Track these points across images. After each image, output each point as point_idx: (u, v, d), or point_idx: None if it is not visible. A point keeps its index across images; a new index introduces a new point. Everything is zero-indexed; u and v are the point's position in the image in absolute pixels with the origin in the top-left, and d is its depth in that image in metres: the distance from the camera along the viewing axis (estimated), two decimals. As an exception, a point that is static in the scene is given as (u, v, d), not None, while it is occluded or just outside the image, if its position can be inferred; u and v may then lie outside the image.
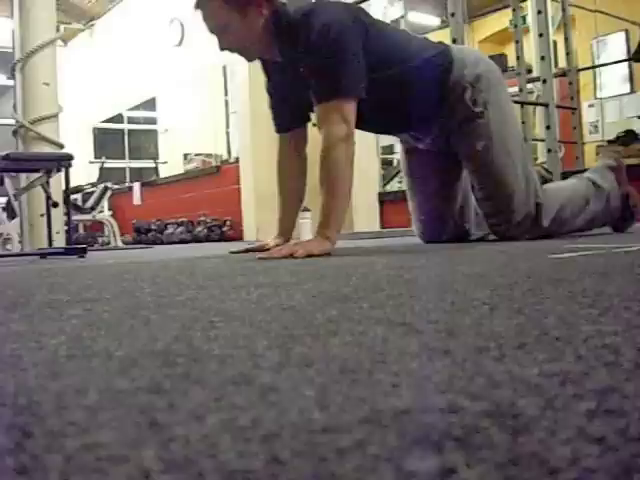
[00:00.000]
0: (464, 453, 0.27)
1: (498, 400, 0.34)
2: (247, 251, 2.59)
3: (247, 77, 6.30)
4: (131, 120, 11.76)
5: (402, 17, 4.88)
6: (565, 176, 3.89)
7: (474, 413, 0.32)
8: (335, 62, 2.14)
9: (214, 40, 2.29)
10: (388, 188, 7.45)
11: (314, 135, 2.36)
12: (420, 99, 2.38)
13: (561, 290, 0.82)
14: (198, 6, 2.30)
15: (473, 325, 0.59)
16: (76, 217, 7.00)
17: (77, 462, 0.28)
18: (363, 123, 2.41)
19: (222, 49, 2.32)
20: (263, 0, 2.22)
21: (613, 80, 8.51)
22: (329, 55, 2.13)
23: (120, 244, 7.18)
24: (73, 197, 7.29)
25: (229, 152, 8.95)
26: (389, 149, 8.01)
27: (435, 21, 10.22)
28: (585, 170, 3.17)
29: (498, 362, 0.44)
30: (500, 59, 10.09)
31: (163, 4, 9.43)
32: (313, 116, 2.37)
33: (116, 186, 10.22)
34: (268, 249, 2.55)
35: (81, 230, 8.87)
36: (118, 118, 11.63)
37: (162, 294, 1.06)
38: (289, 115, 2.52)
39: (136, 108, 11.31)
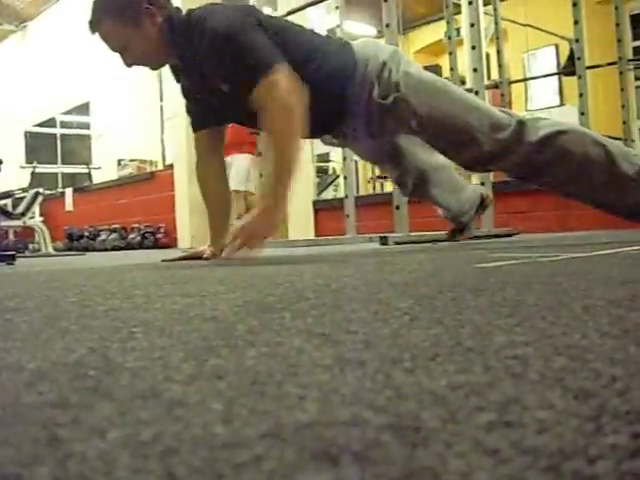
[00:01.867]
0: (360, 468, 0.27)
1: (403, 413, 0.35)
2: (181, 259, 2.57)
3: (183, 83, 6.24)
4: (64, 124, 11.56)
5: (338, 26, 4.90)
6: (497, 186, 3.96)
7: (376, 426, 0.32)
8: (240, 50, 2.11)
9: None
10: (323, 196, 7.48)
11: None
12: (324, 107, 2.31)
13: (482, 300, 0.83)
14: (93, 30, 2.28)
15: (391, 336, 0.59)
16: (6, 223, 6.85)
17: (-35, 482, 0.27)
18: None
19: (128, 66, 2.31)
20: (154, 8, 2.22)
21: (543, 93, 8.72)
22: (230, 51, 2.11)
23: (51, 251, 7.03)
24: (3, 202, 7.12)
25: (164, 158, 8.87)
26: (324, 157, 8.04)
27: (371, 31, 10.31)
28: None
29: (409, 374, 0.44)
30: (434, 70, 10.25)
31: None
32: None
33: (48, 192, 10.02)
34: (201, 257, 2.54)
35: (11, 236, 8.67)
36: (51, 122, 11.42)
37: (86, 303, 1.04)
38: (202, 114, 2.51)
39: (69, 112, 11.13)
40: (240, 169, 6.54)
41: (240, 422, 0.34)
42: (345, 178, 4.58)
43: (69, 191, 8.97)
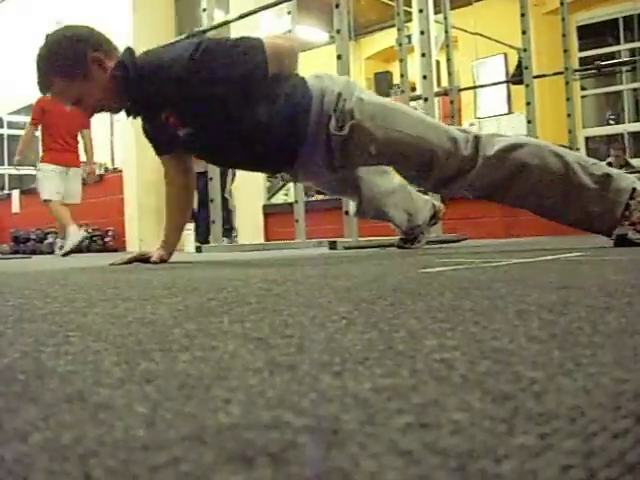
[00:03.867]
0: (274, 469, 0.28)
1: (323, 415, 0.35)
2: (129, 262, 2.54)
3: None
4: (11, 125, 11.35)
5: (290, 31, 4.91)
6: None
7: (296, 429, 0.33)
8: (225, 52, 2.14)
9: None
10: (273, 200, 7.47)
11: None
12: (282, 145, 2.34)
13: (420, 304, 0.85)
14: (43, 92, 2.26)
15: (325, 340, 0.60)
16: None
17: None
18: (224, 158, 2.44)
19: (90, 116, 2.32)
20: (100, 54, 2.18)
21: (492, 101, 8.85)
22: (218, 59, 2.13)
23: (-4, 254, 6.91)
24: (-54, 204, 6.97)
25: (113, 161, 8.77)
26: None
27: (323, 36, 10.34)
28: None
29: (336, 377, 0.45)
30: (385, 76, 10.36)
31: (48, 6, 9.18)
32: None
33: (-6, 193, 9.85)
34: (149, 259, 2.52)
35: (-45, 238, 8.49)
36: (-3, 122, 11.22)
37: (26, 307, 1.03)
38: (166, 144, 2.49)
39: (17, 112, 10.93)
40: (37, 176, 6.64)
41: (163, 425, 0.34)
42: (295, 183, 4.59)
43: (16, 193, 8.82)
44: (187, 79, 2.11)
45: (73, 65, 2.16)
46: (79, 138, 6.33)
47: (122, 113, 2.37)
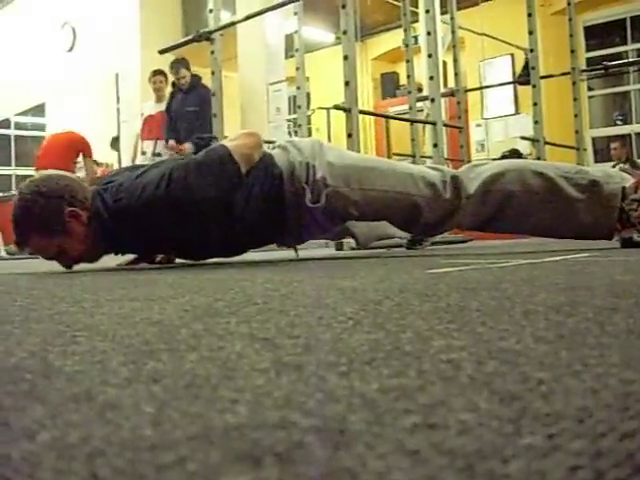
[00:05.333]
0: (281, 469, 0.28)
1: (330, 415, 0.35)
2: (136, 262, 2.55)
3: (139, 86, 6.22)
4: (18, 126, 11.39)
5: (296, 32, 4.91)
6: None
7: (302, 429, 0.33)
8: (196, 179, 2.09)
9: (106, 47, 2.27)
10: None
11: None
12: (264, 227, 2.30)
13: (427, 305, 0.85)
14: (22, 248, 2.26)
15: (332, 340, 0.60)
16: (-43, 225, 6.73)
17: None
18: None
19: (69, 268, 2.27)
20: (76, 208, 2.14)
21: (499, 101, 8.84)
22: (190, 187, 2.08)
23: (4, 254, 6.93)
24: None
25: (119, 161, 8.78)
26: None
27: (330, 37, 10.35)
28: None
29: (343, 377, 0.45)
30: (392, 77, 10.35)
31: (54, 8, 9.21)
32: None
33: (1, 194, 9.87)
34: (154, 259, 2.53)
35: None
36: (5, 123, 11.24)
37: (33, 307, 1.04)
38: None
39: (24, 113, 10.98)
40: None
41: (170, 425, 0.35)
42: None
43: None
44: (169, 214, 2.07)
45: (50, 222, 2.12)
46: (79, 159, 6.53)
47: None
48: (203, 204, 2.08)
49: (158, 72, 6.40)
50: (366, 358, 0.51)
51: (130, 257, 2.59)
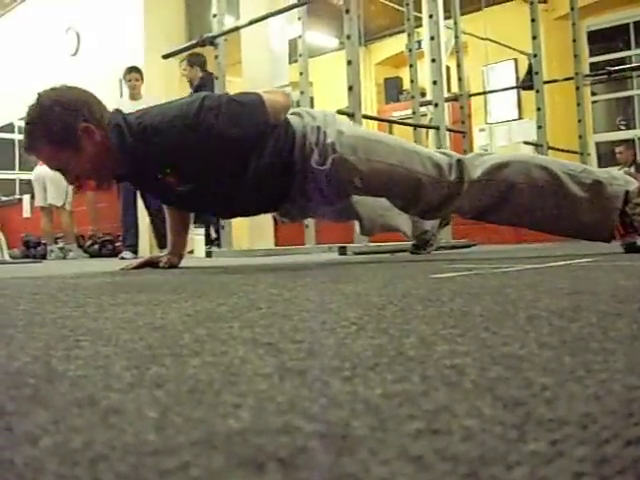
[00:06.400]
0: (284, 474, 0.27)
1: (334, 421, 0.35)
2: (139, 267, 2.55)
3: (143, 91, 6.23)
4: (22, 130, 11.39)
5: (300, 37, 4.92)
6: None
7: (306, 434, 0.33)
8: (229, 112, 2.10)
9: (110, 51, 2.27)
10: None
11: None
12: (271, 186, 2.32)
13: (431, 310, 0.85)
14: (29, 153, 2.25)
15: (335, 345, 0.60)
16: (-39, 230, 6.73)
17: None
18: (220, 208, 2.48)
19: (71, 183, 2.28)
20: (91, 125, 2.15)
21: (502, 106, 8.84)
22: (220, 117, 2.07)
23: (7, 258, 6.93)
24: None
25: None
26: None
27: (333, 42, 10.35)
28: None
29: (347, 383, 0.44)
30: (396, 82, 10.35)
31: (58, 13, 9.23)
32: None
33: (5, 198, 9.88)
34: (158, 263, 2.53)
35: (-34, 243, 8.51)
36: (9, 128, 11.25)
37: (36, 311, 1.04)
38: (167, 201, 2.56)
39: (28, 118, 10.96)
40: (55, 186, 6.75)
41: (173, 430, 0.34)
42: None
43: (27, 198, 8.85)
44: (192, 138, 2.07)
45: (62, 135, 2.13)
46: None
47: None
48: (223, 139, 2.09)
49: (133, 69, 6.21)
50: (370, 363, 0.51)
51: (134, 262, 2.59)
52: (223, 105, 2.09)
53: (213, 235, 5.91)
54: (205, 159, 2.13)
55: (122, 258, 5.80)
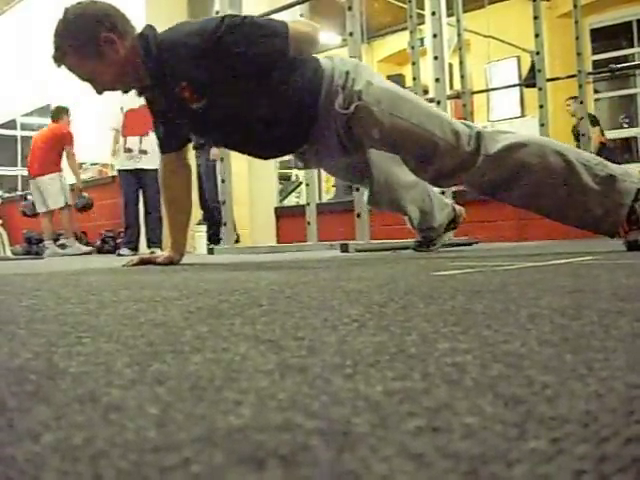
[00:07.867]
0: (285, 471, 0.28)
1: (335, 418, 0.35)
2: (139, 263, 2.55)
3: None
4: (25, 127, 11.40)
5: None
6: (457, 195, 4.00)
7: (307, 431, 0.33)
8: (249, 32, 2.18)
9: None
10: (285, 203, 7.47)
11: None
12: (294, 119, 2.36)
13: (432, 307, 0.85)
14: (57, 64, 2.34)
15: (337, 342, 0.60)
16: (-37, 225, 6.75)
17: None
18: (236, 144, 2.51)
19: (99, 93, 2.37)
20: (114, 36, 2.26)
21: (505, 104, 8.83)
22: (239, 37, 2.16)
23: (9, 254, 6.94)
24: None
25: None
26: (286, 163, 8.05)
27: (336, 39, 10.34)
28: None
29: (348, 380, 0.45)
30: (398, 79, 10.33)
31: (60, 9, 9.22)
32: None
33: (7, 194, 9.88)
34: (155, 261, 2.53)
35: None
36: (11, 124, 11.26)
37: (38, 308, 1.04)
38: (171, 138, 2.54)
39: (30, 114, 10.98)
40: (52, 189, 6.82)
41: (174, 426, 0.35)
42: (307, 185, 4.60)
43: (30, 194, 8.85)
44: (209, 51, 2.16)
45: (85, 44, 2.25)
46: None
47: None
48: (230, 54, 2.17)
49: None
50: (371, 360, 0.51)
51: (136, 258, 2.59)
52: (243, 25, 2.19)
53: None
54: (216, 72, 2.20)
55: (119, 255, 5.82)
